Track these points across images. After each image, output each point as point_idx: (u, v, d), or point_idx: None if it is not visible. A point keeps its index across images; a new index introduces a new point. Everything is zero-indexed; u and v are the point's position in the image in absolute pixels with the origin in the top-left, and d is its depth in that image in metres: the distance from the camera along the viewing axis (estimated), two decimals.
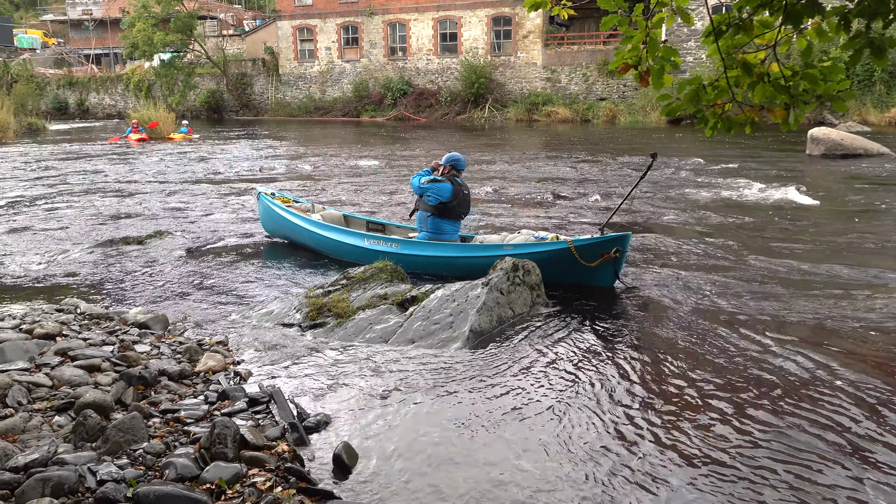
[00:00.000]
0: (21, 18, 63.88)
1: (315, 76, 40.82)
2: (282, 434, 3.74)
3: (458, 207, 7.62)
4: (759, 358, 4.96)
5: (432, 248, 7.53)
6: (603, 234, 6.85)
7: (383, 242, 7.84)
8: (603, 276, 6.78)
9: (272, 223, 9.39)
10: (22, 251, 9.12)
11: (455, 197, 7.51)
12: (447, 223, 7.65)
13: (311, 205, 9.51)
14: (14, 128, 28.48)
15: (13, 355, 4.66)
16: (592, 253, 6.68)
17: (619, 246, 6.66)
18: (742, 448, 3.71)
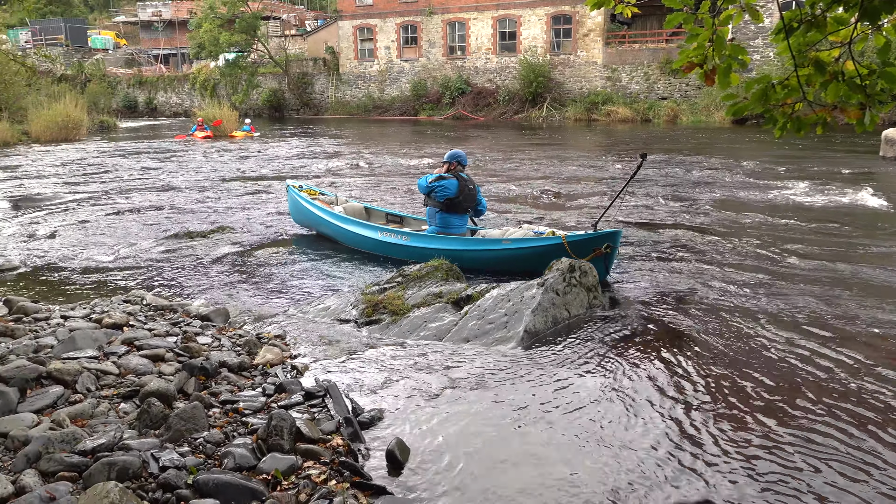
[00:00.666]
0: (95, 20, 66.39)
1: (374, 75, 41.23)
2: (336, 428, 3.78)
3: (465, 202, 7.90)
4: (820, 365, 4.79)
5: (437, 241, 7.82)
6: (595, 231, 7.07)
7: (394, 235, 8.24)
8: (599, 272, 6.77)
9: (299, 214, 9.80)
10: (93, 243, 9.49)
11: (461, 192, 7.80)
12: (455, 218, 7.94)
13: (335, 197, 9.88)
14: (87, 125, 29.60)
15: (83, 343, 4.85)
16: (584, 248, 6.85)
17: (609, 242, 6.83)
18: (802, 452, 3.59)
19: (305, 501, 3.08)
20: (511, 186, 13.83)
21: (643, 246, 8.73)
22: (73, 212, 11.83)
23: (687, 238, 9.07)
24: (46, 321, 5.62)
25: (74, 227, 10.65)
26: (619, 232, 6.98)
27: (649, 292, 6.64)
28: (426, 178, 7.91)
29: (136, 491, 3.01)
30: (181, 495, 2.99)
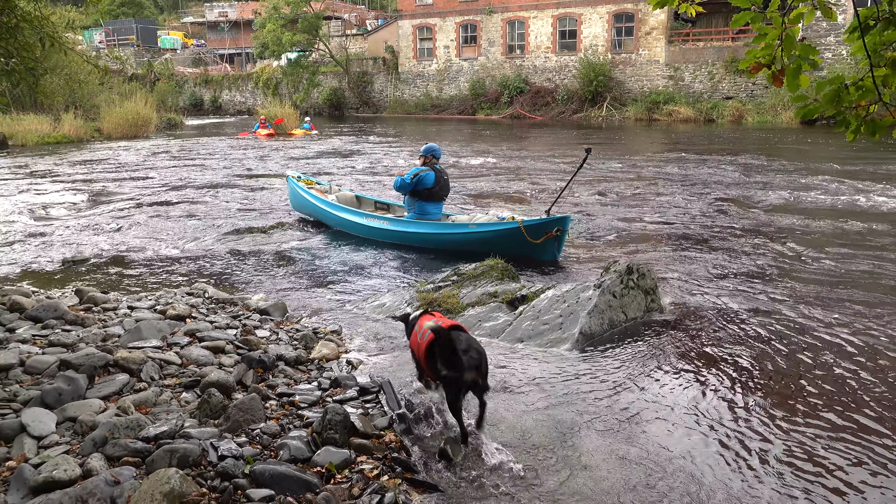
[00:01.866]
0: (164, 21, 68.59)
1: (433, 74, 41.41)
2: (390, 424, 3.82)
3: (441, 191, 8.77)
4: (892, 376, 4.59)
5: (413, 225, 8.77)
6: (548, 216, 7.90)
7: (377, 220, 9.18)
8: (546, 251, 7.92)
9: (297, 202, 10.64)
10: (159, 237, 9.81)
11: (437, 182, 8.66)
12: (431, 205, 8.80)
13: (329, 186, 10.87)
14: (155, 123, 30.61)
15: (148, 333, 5.02)
16: (538, 232, 7.78)
17: (559, 226, 7.78)
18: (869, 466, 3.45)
19: (358, 495, 3.11)
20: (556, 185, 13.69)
21: (704, 250, 8.54)
22: (141, 206, 12.24)
23: (751, 243, 8.82)
24: (114, 311, 5.83)
25: (142, 221, 11.02)
26: (568, 217, 7.95)
27: (710, 298, 6.49)
28: (404, 178, 8.63)
29: (196, 478, 3.10)
30: (238, 484, 3.06)
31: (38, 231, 10.34)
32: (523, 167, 17.00)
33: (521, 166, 17.17)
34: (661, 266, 7.67)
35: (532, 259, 7.89)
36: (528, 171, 16.29)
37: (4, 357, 4.37)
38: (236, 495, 3.01)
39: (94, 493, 2.88)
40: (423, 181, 8.55)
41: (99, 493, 2.90)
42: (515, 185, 13.97)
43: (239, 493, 3.02)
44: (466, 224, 8.42)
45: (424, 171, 8.58)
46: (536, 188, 13.55)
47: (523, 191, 13.31)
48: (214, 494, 3.02)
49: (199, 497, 2.97)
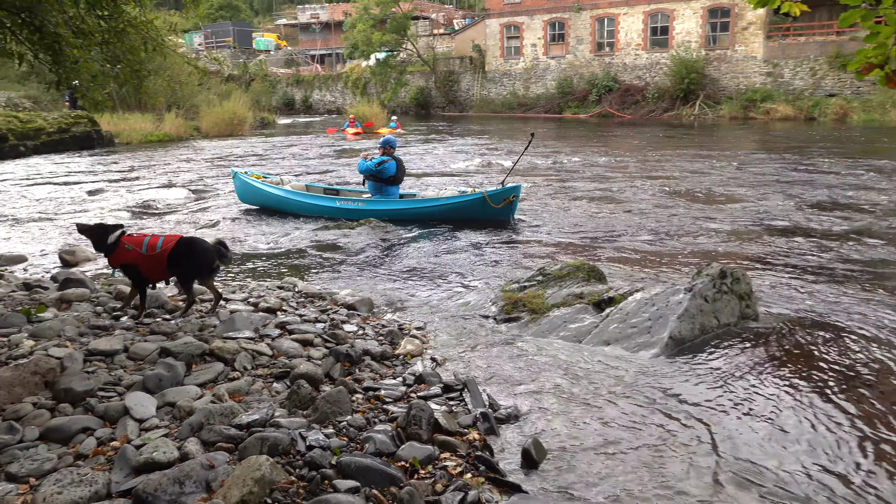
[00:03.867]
0: (259, 23, 71.06)
1: (520, 73, 41.19)
2: (473, 422, 3.81)
3: (400, 175, 10.61)
4: None
5: (389, 203, 10.60)
6: (504, 187, 10.21)
7: (351, 202, 10.85)
8: (504, 214, 10.21)
9: (249, 195, 11.81)
10: (251, 231, 10.16)
11: (399, 170, 10.53)
12: (392, 188, 10.69)
13: (280, 178, 12.18)
14: (250, 121, 31.77)
15: (241, 325, 5.20)
16: (498, 199, 10.08)
17: (514, 193, 10.15)
18: None
19: (441, 492, 3.12)
20: (651, 185, 13.33)
21: (803, 256, 8.13)
22: (236, 202, 12.68)
23: (855, 249, 8.35)
24: (210, 302, 6.07)
25: (236, 216, 11.44)
26: (519, 186, 10.41)
27: (811, 306, 6.17)
28: (369, 162, 10.44)
29: (285, 466, 3.18)
30: (325, 474, 3.12)
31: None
32: (609, 165, 16.67)
33: (607, 164, 16.84)
34: (755, 270, 7.36)
35: (605, 257, 8.21)
36: (614, 168, 15.96)
37: (110, 343, 4.63)
38: (323, 485, 3.07)
39: (191, 476, 3.01)
40: (387, 170, 10.35)
41: (195, 475, 3.02)
42: (600, 184, 13.71)
43: (326, 483, 3.08)
44: (437, 198, 10.52)
45: (387, 160, 10.35)
46: (620, 187, 13.26)
47: (607, 189, 13.05)
48: (303, 483, 3.09)
49: (287, 485, 3.05)
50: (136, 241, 5.30)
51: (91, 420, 3.59)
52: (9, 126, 22.18)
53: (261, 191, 11.57)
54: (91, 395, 3.88)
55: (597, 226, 10.05)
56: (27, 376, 3.89)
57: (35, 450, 3.29)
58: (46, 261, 8.55)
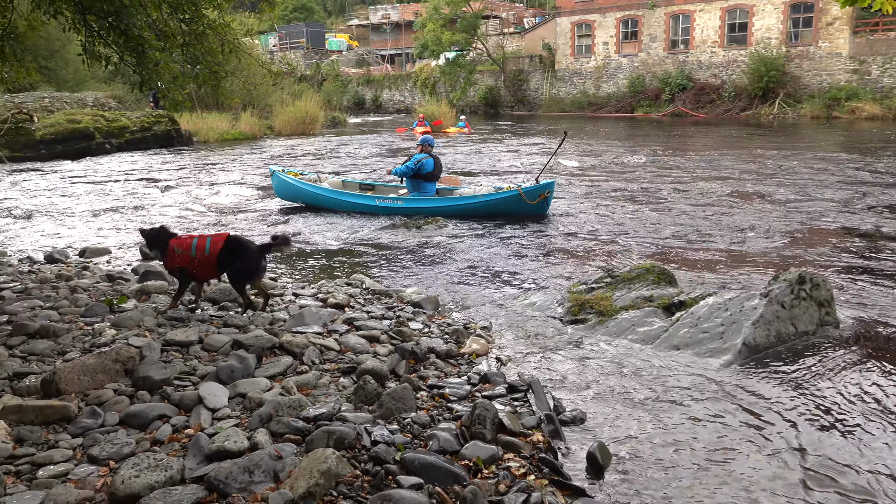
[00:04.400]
0: (332, 24, 72.38)
1: (590, 71, 40.64)
2: (537, 424, 3.78)
3: (437, 172, 10.99)
4: None
5: (426, 201, 10.93)
6: (538, 183, 10.58)
7: (390, 200, 11.10)
8: (539, 209, 10.63)
9: (287, 192, 12.04)
10: (324, 230, 10.36)
11: (436, 166, 10.91)
12: (430, 184, 11.03)
13: (317, 176, 12.37)
14: (321, 121, 32.39)
15: (310, 320, 5.31)
16: (534, 195, 10.47)
17: (549, 189, 10.55)
18: None
19: (504, 493, 3.10)
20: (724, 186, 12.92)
21: (888, 262, 7.74)
22: None
23: None
24: (281, 297, 6.23)
25: (303, 213, 11.68)
26: (553, 182, 10.83)
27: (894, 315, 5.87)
28: (406, 165, 10.81)
29: (350, 460, 3.23)
30: (389, 470, 3.15)
31: (216, 220, 11.26)
32: (680, 165, 16.25)
33: (678, 164, 16.43)
34: (835, 276, 7.05)
35: (675, 259, 8.08)
36: (685, 168, 15.54)
37: (186, 334, 4.80)
38: (387, 480, 3.10)
39: (260, 465, 3.09)
40: (425, 166, 10.75)
41: (264, 465, 3.10)
42: (670, 184, 13.38)
43: (390, 479, 3.11)
44: (474, 195, 10.87)
45: (425, 157, 10.74)
46: (691, 187, 12.91)
47: (676, 189, 12.72)
48: (367, 477, 3.13)
49: (352, 478, 3.10)
50: (185, 244, 5.35)
51: (167, 408, 3.73)
52: (96, 124, 23.27)
53: (298, 188, 11.84)
54: (168, 383, 4.03)
55: (666, 227, 9.82)
56: (109, 364, 4.08)
57: (115, 434, 3.44)
58: (128, 254, 8.93)
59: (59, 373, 3.87)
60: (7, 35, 6.53)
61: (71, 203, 13.30)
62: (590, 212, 11.13)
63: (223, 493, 2.92)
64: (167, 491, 2.88)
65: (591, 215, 10.83)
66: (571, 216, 10.85)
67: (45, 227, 10.99)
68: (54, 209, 12.64)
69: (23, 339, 4.69)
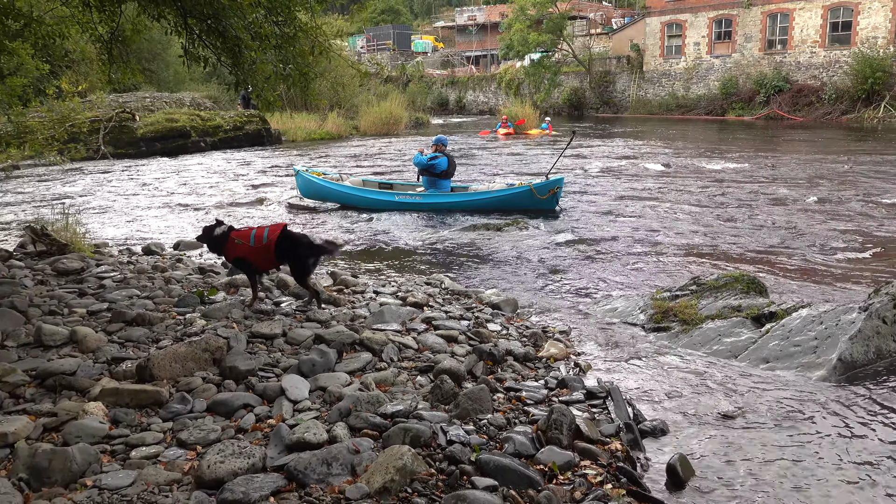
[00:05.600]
0: (418, 26, 73.12)
1: (680, 73, 39.53)
2: (616, 432, 3.70)
3: (451, 170, 11.66)
4: None
5: (442, 196, 11.64)
6: (548, 179, 11.30)
7: (408, 196, 11.76)
8: (549, 204, 11.26)
9: (311, 191, 12.61)
10: (405, 229, 10.48)
11: (450, 165, 11.56)
12: (445, 181, 11.72)
13: (339, 175, 13.04)
14: (405, 121, 32.79)
15: (390, 318, 5.38)
16: (544, 190, 11.14)
17: (558, 185, 11.26)
18: None
19: (580, 500, 3.06)
20: (821, 192, 12.29)
21: None
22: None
23: None
24: (361, 294, 6.34)
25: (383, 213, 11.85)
26: (562, 178, 11.67)
27: None
28: (423, 157, 11.48)
29: (426, 458, 3.25)
30: (464, 470, 3.15)
31: (299, 218, 11.57)
32: (774, 169, 15.57)
33: (772, 168, 15.74)
34: None
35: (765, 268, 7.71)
36: (780, 173, 14.88)
37: (271, 327, 4.95)
38: (462, 480, 3.10)
39: (338, 458, 3.15)
40: (439, 165, 11.39)
41: (341, 458, 3.16)
42: (762, 189, 12.84)
43: (464, 479, 3.11)
44: (487, 191, 11.65)
45: (439, 156, 11.40)
46: (785, 193, 12.35)
47: (769, 195, 12.20)
48: (442, 476, 3.14)
49: (427, 476, 3.11)
50: (244, 235, 5.51)
51: (251, 397, 3.86)
52: (192, 123, 24.34)
53: (321, 186, 12.37)
54: (252, 374, 4.17)
55: (756, 234, 9.44)
56: (198, 353, 4.25)
57: (202, 420, 3.59)
58: None
59: (153, 359, 4.07)
60: (115, 38, 6.91)
61: (167, 198, 13.96)
62: (674, 216, 10.84)
63: (302, 482, 3.00)
64: (249, 478, 2.97)
65: (675, 220, 10.54)
66: (654, 220, 10.58)
67: (144, 221, 11.58)
68: (152, 203, 13.30)
69: (121, 326, 4.95)
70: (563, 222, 10.64)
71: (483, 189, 11.87)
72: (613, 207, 11.78)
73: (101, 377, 4.07)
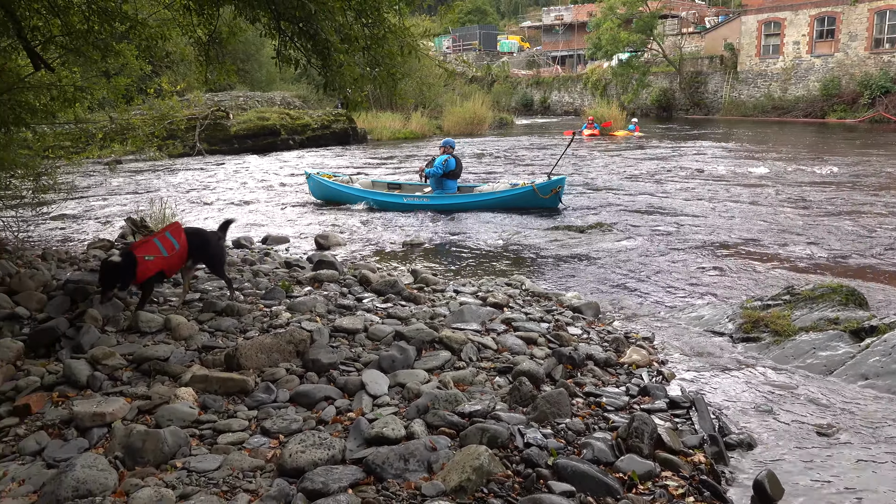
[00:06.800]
0: (504, 26, 72.90)
1: (777, 73, 37.88)
2: (699, 444, 3.58)
3: (459, 171, 12.19)
4: None
5: (449, 197, 12.04)
6: (550, 178, 11.76)
7: (416, 197, 12.12)
8: (551, 202, 11.68)
9: (321, 192, 12.92)
10: (487, 229, 10.47)
11: (458, 166, 12.12)
12: (451, 182, 12.18)
13: (349, 177, 13.37)
14: (488, 121, 32.77)
15: (470, 317, 5.39)
16: (547, 189, 11.58)
17: (560, 184, 11.72)
18: None
19: None
20: None
21: None
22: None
23: None
24: (441, 293, 6.38)
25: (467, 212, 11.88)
26: (564, 178, 12.15)
27: None
28: (435, 167, 11.91)
29: (502, 459, 3.24)
30: (541, 474, 3.12)
31: (384, 216, 11.73)
32: (879, 178, 14.69)
33: (876, 176, 14.86)
34: None
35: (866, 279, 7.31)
36: (886, 182, 14.03)
37: (353, 322, 5.05)
38: (538, 484, 3.07)
39: (415, 455, 3.18)
40: (448, 165, 11.89)
41: (418, 455, 3.18)
42: (867, 197, 12.13)
43: (541, 482, 3.08)
44: (492, 192, 12.05)
45: (448, 158, 11.88)
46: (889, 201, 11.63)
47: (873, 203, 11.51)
48: (518, 478, 3.12)
49: (504, 478, 3.10)
50: (151, 249, 5.02)
51: (332, 390, 3.94)
52: (282, 122, 25.10)
53: (331, 188, 12.72)
54: (334, 367, 4.26)
55: (857, 243, 8.93)
56: (283, 344, 4.38)
57: (285, 410, 3.69)
58: (304, 243, 9.55)
59: (241, 349, 4.21)
60: (212, 40, 7.20)
61: (255, 193, 14.45)
62: (767, 222, 10.39)
63: (380, 476, 3.04)
64: (329, 469, 3.03)
65: (768, 226, 10.10)
66: (746, 226, 10.17)
67: (234, 215, 12.01)
68: (241, 198, 13.79)
69: (211, 316, 5.16)
70: (649, 226, 10.37)
71: (488, 189, 12.34)
72: (703, 211, 11.41)
73: (191, 364, 4.25)
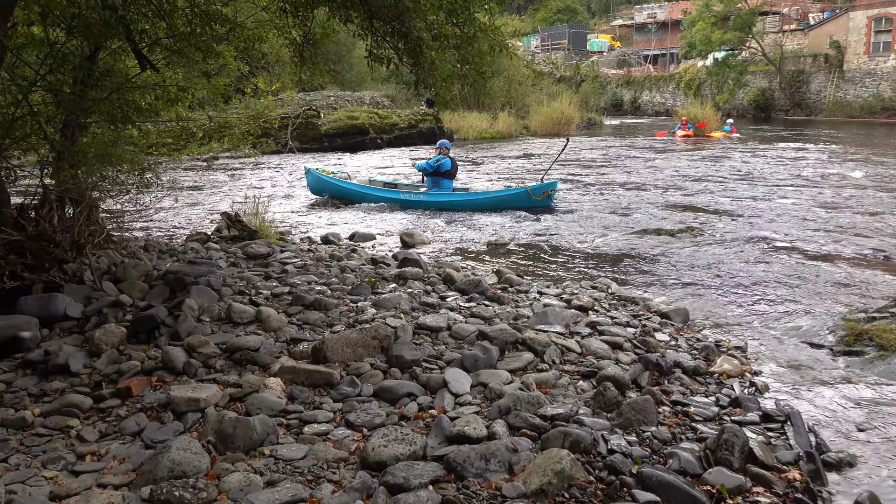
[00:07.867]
0: (594, 25, 71.74)
1: (888, 72, 35.66)
2: (794, 460, 3.42)
3: (454, 171, 12.48)
4: None
5: (444, 195, 12.36)
6: (543, 182, 12.11)
7: (412, 194, 12.55)
8: (544, 204, 11.97)
9: (321, 187, 13.27)
10: (572, 231, 10.34)
11: (453, 166, 12.41)
12: (447, 181, 12.47)
13: (348, 175, 13.79)
14: (576, 121, 32.34)
15: (553, 319, 5.33)
16: (539, 192, 11.94)
17: (552, 187, 12.21)
18: None
19: None
20: None
21: None
22: (557, 200, 13.04)
23: None
24: (525, 294, 6.34)
25: (555, 213, 11.76)
26: (556, 182, 12.58)
27: None
28: (427, 162, 12.40)
29: (585, 465, 3.19)
30: (624, 481, 3.06)
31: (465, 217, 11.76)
32: None
33: None
34: None
35: None
36: None
37: (436, 320, 5.08)
38: (621, 492, 3.01)
39: (496, 455, 3.17)
40: (444, 165, 12.25)
41: (499, 455, 3.17)
42: None
43: (624, 490, 3.02)
44: (487, 191, 12.70)
45: (442, 158, 12.24)
46: None
47: None
48: (600, 485, 3.07)
49: (585, 483, 3.05)
50: None
51: (415, 387, 3.98)
52: (370, 121, 25.57)
53: (329, 184, 13.15)
54: (417, 364, 4.30)
55: None
56: (368, 340, 4.46)
57: (369, 405, 3.76)
58: (389, 240, 9.69)
59: (327, 342, 4.32)
60: (307, 42, 7.41)
61: None
62: (872, 229, 9.80)
63: (460, 475, 3.04)
64: (410, 464, 3.07)
65: (874, 233, 9.52)
66: (849, 233, 9.62)
67: (321, 211, 12.34)
68: None
69: (300, 309, 5.30)
70: (743, 230, 9.97)
71: (482, 189, 12.99)
72: (802, 216, 10.88)
73: (280, 355, 4.38)
